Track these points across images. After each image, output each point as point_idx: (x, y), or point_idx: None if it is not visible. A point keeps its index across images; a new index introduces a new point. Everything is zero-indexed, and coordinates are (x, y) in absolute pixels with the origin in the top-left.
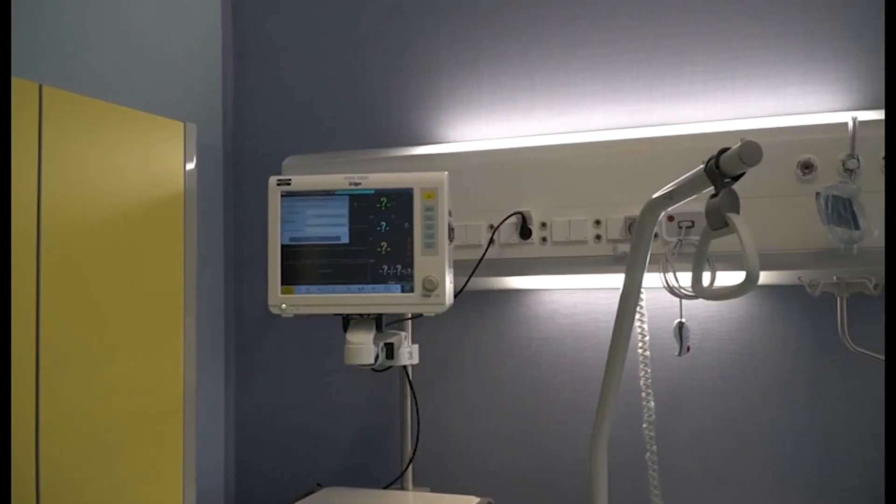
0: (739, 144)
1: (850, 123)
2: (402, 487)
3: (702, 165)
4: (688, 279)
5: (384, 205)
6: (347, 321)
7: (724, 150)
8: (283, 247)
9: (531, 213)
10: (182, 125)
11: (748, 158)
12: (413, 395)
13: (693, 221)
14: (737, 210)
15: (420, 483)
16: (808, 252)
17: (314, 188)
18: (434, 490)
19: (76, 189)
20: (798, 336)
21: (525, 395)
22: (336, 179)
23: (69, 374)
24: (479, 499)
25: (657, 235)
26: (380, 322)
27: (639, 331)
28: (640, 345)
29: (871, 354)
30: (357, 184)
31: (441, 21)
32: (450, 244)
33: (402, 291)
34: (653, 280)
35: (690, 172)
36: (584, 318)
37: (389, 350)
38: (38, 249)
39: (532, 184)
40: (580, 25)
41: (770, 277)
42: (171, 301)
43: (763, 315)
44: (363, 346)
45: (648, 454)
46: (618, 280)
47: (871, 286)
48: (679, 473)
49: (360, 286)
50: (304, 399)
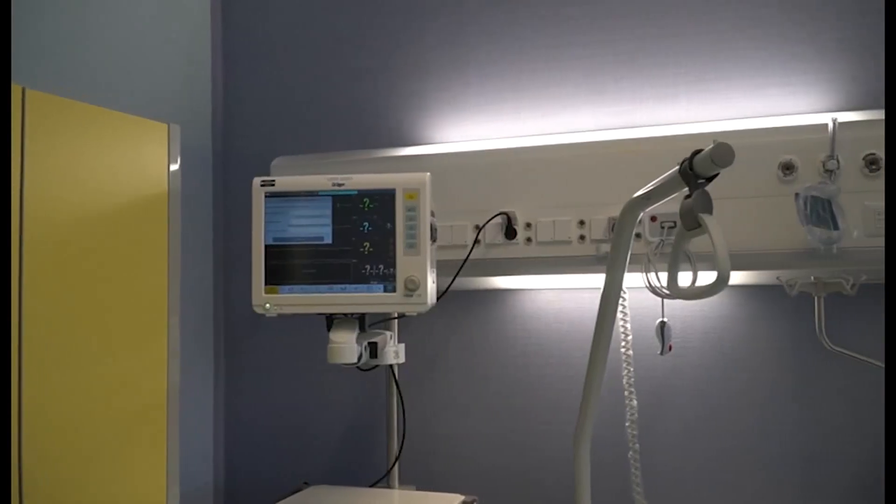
0: (711, 146)
1: (830, 125)
2: (389, 486)
3: (677, 167)
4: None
5: (367, 205)
6: (331, 321)
7: (698, 152)
8: (267, 247)
9: (516, 214)
10: (166, 126)
11: (720, 160)
12: (399, 395)
13: (675, 222)
14: (709, 211)
15: (406, 482)
16: (789, 252)
17: (298, 189)
18: (420, 488)
19: (59, 191)
20: (779, 335)
21: (510, 395)
22: (319, 180)
23: (52, 374)
24: (464, 497)
25: (640, 236)
26: (363, 321)
27: (622, 330)
28: (623, 344)
29: (849, 353)
30: (340, 185)
31: (428, 23)
32: (432, 244)
33: (385, 291)
34: (636, 280)
35: (667, 173)
36: (569, 318)
37: (373, 349)
38: (21, 250)
39: (517, 184)
40: (566, 28)
41: (751, 277)
42: (156, 301)
43: (745, 314)
44: (346, 346)
45: (631, 452)
46: (602, 280)
47: (848, 286)
48: (662, 472)
49: (343, 286)
50: (293, 398)
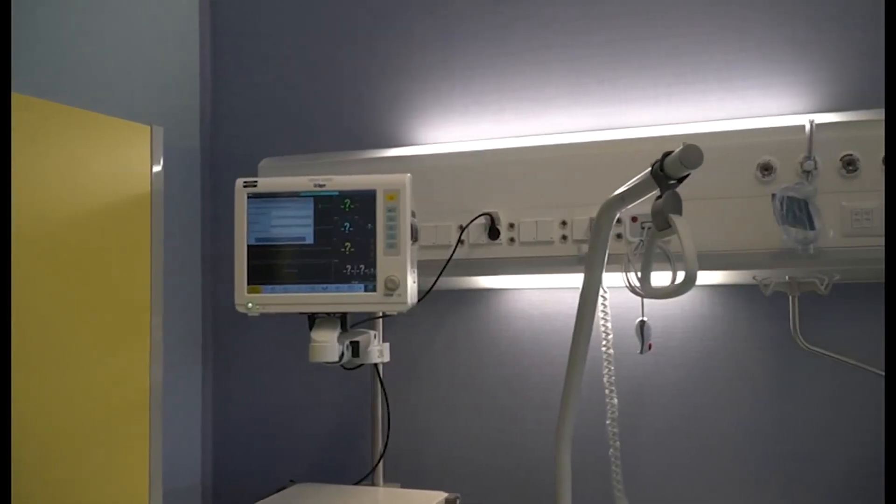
0: (681, 148)
1: (807, 126)
2: (373, 484)
3: (649, 168)
4: (651, 279)
5: (348, 206)
6: (313, 320)
7: (669, 154)
8: (250, 247)
9: (499, 214)
10: (149, 128)
11: (688, 161)
12: (384, 393)
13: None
14: (679, 211)
15: (391, 479)
16: (767, 252)
17: (280, 190)
18: (404, 486)
19: (42, 192)
20: (758, 334)
21: (494, 394)
22: (301, 181)
23: (35, 374)
24: (447, 495)
25: (620, 236)
26: (345, 321)
27: (602, 329)
28: (604, 343)
29: (823, 352)
30: (321, 185)
31: (413, 25)
32: (413, 244)
33: (365, 291)
34: (617, 279)
35: (639, 175)
36: (552, 318)
37: (355, 348)
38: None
39: (501, 185)
40: (549, 30)
41: (731, 277)
42: (139, 301)
43: (725, 314)
44: (327, 344)
45: (612, 450)
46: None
47: (822, 285)
48: (644, 469)
49: (325, 286)
50: (281, 397)
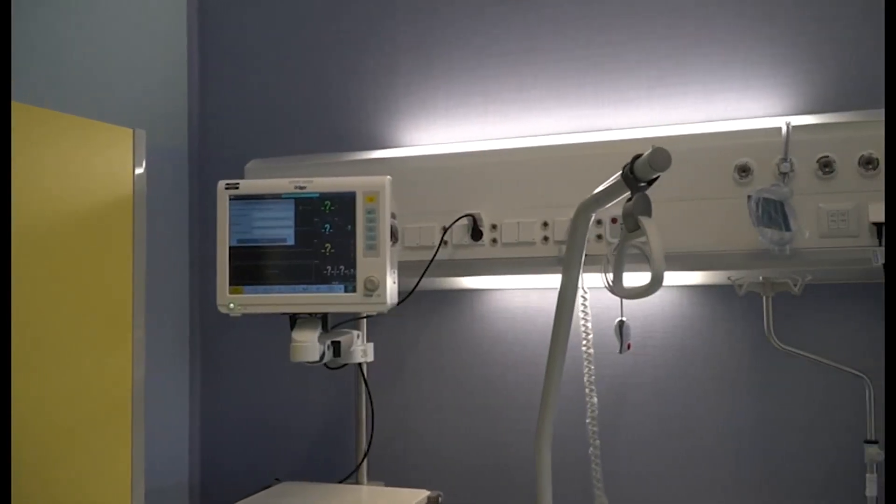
0: (649, 151)
1: (784, 128)
2: (357, 482)
3: (620, 171)
4: (630, 279)
5: (328, 208)
6: (294, 320)
7: (639, 157)
8: (232, 248)
9: (482, 216)
10: (131, 131)
11: (657, 164)
12: (368, 392)
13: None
14: (648, 213)
15: (375, 478)
16: (745, 252)
17: (261, 192)
18: (388, 484)
19: (24, 195)
20: (737, 334)
21: (477, 393)
22: (282, 183)
23: (18, 375)
24: (429, 493)
25: (601, 237)
26: (326, 321)
27: (582, 329)
28: (584, 342)
29: (797, 352)
30: (302, 188)
31: (398, 30)
32: (393, 246)
33: (345, 291)
34: (597, 280)
35: (612, 178)
36: (535, 318)
37: (337, 348)
38: None
39: (483, 187)
40: (531, 34)
41: (710, 277)
42: (121, 302)
43: (704, 313)
44: (308, 344)
45: (591, 449)
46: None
47: (795, 286)
48: (623, 467)
49: (305, 286)
50: (268, 396)
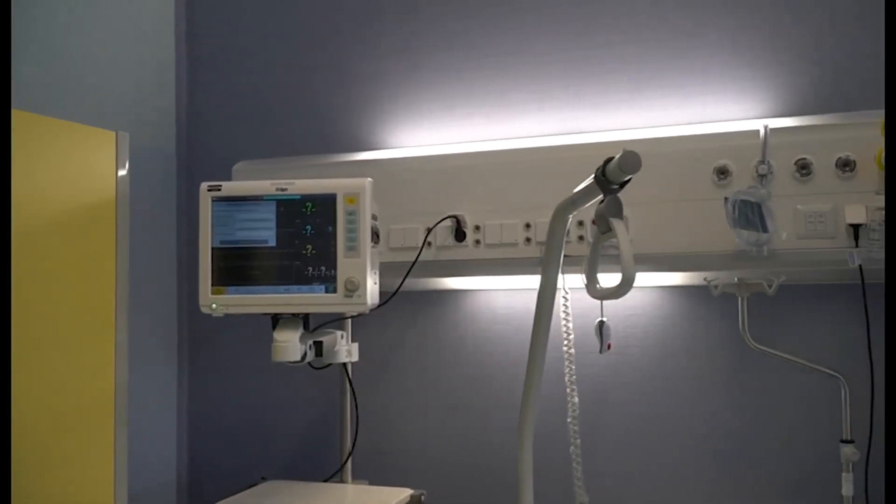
0: (620, 154)
1: (762, 131)
2: (342, 480)
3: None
4: (609, 279)
5: (309, 209)
6: (276, 320)
7: (610, 160)
8: (214, 249)
9: (465, 217)
10: (114, 134)
11: (627, 167)
12: (352, 392)
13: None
14: (620, 215)
15: (360, 476)
16: (725, 253)
17: (243, 193)
18: (373, 483)
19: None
20: (718, 334)
21: (461, 392)
22: (263, 185)
23: None
24: (412, 491)
25: (583, 238)
26: (307, 321)
27: (564, 329)
28: (566, 343)
29: (770, 351)
30: (283, 189)
31: (384, 33)
32: (374, 247)
33: (326, 292)
34: (579, 280)
35: (586, 180)
36: (518, 318)
37: (319, 348)
38: None
39: (467, 188)
40: (515, 37)
41: (690, 278)
42: (104, 303)
43: (685, 314)
44: (289, 344)
45: (572, 448)
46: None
47: (768, 286)
48: (605, 466)
49: (287, 287)
50: (255, 395)
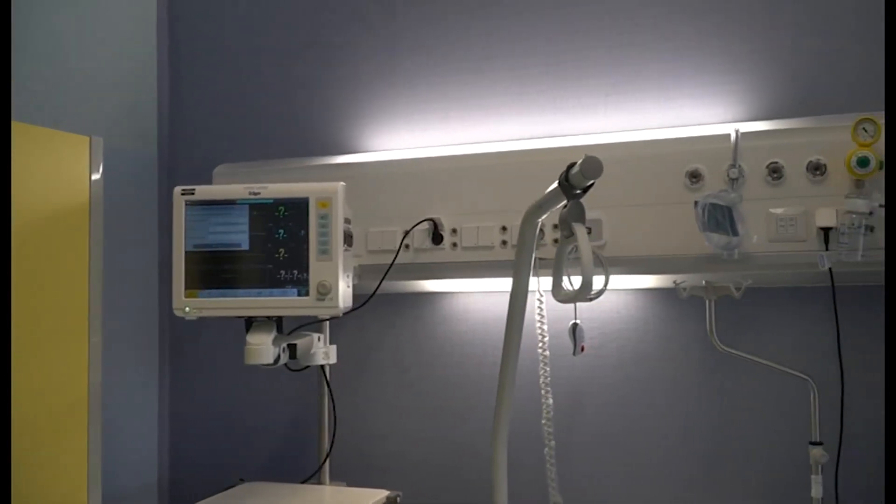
0: (581, 160)
1: (733, 135)
2: (320, 482)
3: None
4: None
5: (282, 213)
6: (250, 323)
7: (573, 165)
8: (188, 253)
9: (442, 220)
10: (88, 139)
11: (588, 173)
12: (330, 394)
13: (590, 228)
14: (582, 220)
15: (338, 478)
16: (698, 256)
17: (216, 197)
18: (351, 484)
19: None
20: (692, 337)
21: (439, 394)
22: (237, 189)
23: None
24: (388, 492)
25: (556, 241)
26: (280, 324)
27: (538, 331)
28: (540, 345)
29: (737, 353)
30: (256, 193)
31: (361, 37)
32: (347, 250)
33: (298, 295)
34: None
35: (552, 185)
36: (495, 320)
37: (293, 350)
38: None
39: (444, 191)
40: (492, 41)
41: (664, 280)
42: (77, 305)
43: (659, 316)
44: (262, 347)
45: (547, 449)
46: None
47: (735, 289)
48: (579, 467)
49: (259, 290)
50: (237, 397)
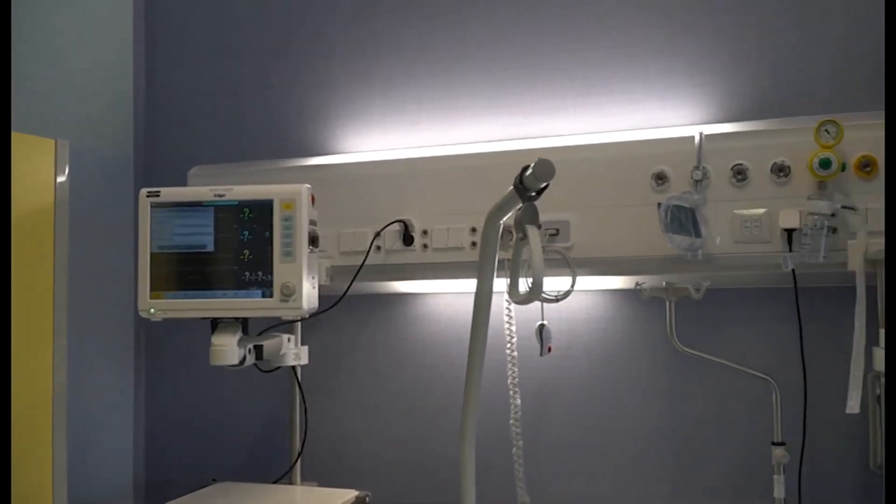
0: (534, 163)
1: (697, 137)
2: (291, 482)
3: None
4: (554, 283)
5: (246, 215)
6: (216, 324)
7: (528, 168)
8: (153, 254)
9: (412, 222)
10: (53, 142)
11: (541, 175)
12: (301, 394)
13: (557, 229)
14: (536, 223)
15: (310, 478)
16: (664, 258)
17: (181, 199)
18: (322, 484)
19: None
20: (658, 337)
21: (411, 394)
22: (202, 191)
23: None
24: (357, 493)
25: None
26: (246, 325)
27: (507, 333)
28: (508, 346)
29: (696, 354)
30: (221, 195)
31: (336, 40)
32: (312, 252)
33: (263, 297)
34: (522, 285)
35: (510, 188)
36: (466, 321)
37: (259, 351)
38: None
39: (416, 193)
40: (464, 43)
41: (630, 282)
42: (42, 307)
43: (627, 317)
44: (226, 348)
45: (515, 449)
46: (496, 284)
47: (694, 290)
48: (548, 467)
49: (224, 291)
50: (212, 398)
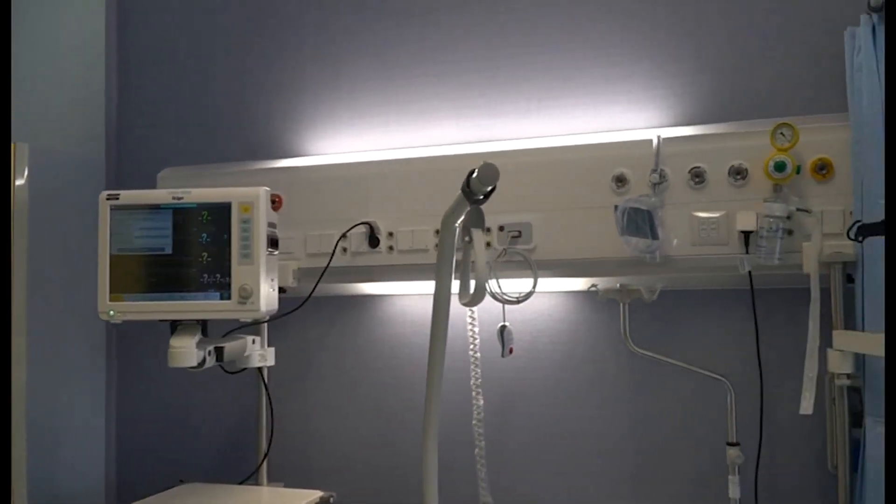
0: (479, 167)
1: (654, 140)
2: (258, 483)
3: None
4: (514, 285)
5: (205, 218)
6: (175, 326)
7: (474, 172)
8: (112, 257)
9: (378, 224)
10: (12, 145)
11: (485, 179)
12: (268, 395)
13: (520, 231)
14: (481, 226)
15: (277, 479)
16: (623, 259)
17: (141, 202)
18: (289, 485)
19: None
20: (618, 338)
21: (377, 395)
22: (161, 194)
23: None
24: (322, 493)
25: (489, 244)
26: (205, 327)
27: (470, 334)
28: (472, 347)
29: (650, 355)
30: (180, 198)
31: (304, 43)
32: (271, 254)
33: (221, 299)
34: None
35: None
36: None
37: (220, 353)
38: None
39: (382, 195)
40: (431, 46)
41: (587, 284)
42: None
43: (588, 318)
44: (185, 350)
45: (477, 450)
46: (455, 286)
47: (647, 292)
48: (511, 468)
49: (182, 294)
50: (182, 399)
